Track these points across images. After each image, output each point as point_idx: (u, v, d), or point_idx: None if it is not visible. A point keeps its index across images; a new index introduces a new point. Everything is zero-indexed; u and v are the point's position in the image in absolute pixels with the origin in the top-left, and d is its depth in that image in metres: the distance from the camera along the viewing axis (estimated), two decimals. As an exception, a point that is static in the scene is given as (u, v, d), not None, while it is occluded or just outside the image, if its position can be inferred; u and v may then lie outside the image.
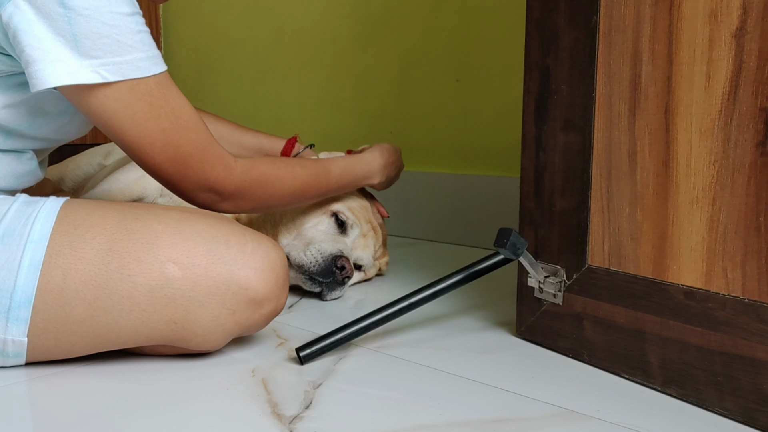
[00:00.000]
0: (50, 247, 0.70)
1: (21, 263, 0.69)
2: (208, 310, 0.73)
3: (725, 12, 0.62)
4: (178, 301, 0.72)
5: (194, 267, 0.72)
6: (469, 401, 0.68)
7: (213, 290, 0.73)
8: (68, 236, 0.71)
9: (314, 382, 0.72)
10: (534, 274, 0.81)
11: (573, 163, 0.78)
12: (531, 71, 0.82)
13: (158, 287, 0.71)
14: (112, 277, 0.70)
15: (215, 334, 0.75)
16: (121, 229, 0.72)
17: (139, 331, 0.72)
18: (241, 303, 0.74)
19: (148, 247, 0.72)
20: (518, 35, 0.92)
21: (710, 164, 0.64)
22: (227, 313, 0.74)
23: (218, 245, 0.74)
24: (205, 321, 0.73)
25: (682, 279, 0.68)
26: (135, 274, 0.71)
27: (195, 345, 0.76)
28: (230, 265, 0.74)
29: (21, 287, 0.68)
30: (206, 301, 0.73)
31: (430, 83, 1.64)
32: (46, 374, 0.73)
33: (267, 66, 2.05)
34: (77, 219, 0.73)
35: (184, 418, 0.64)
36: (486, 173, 1.55)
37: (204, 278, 0.72)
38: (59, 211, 0.73)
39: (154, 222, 0.74)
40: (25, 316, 0.69)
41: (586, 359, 0.78)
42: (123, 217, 0.74)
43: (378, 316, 0.81)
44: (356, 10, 1.78)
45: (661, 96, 0.68)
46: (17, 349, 0.71)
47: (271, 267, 0.76)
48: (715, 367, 0.64)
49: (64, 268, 0.69)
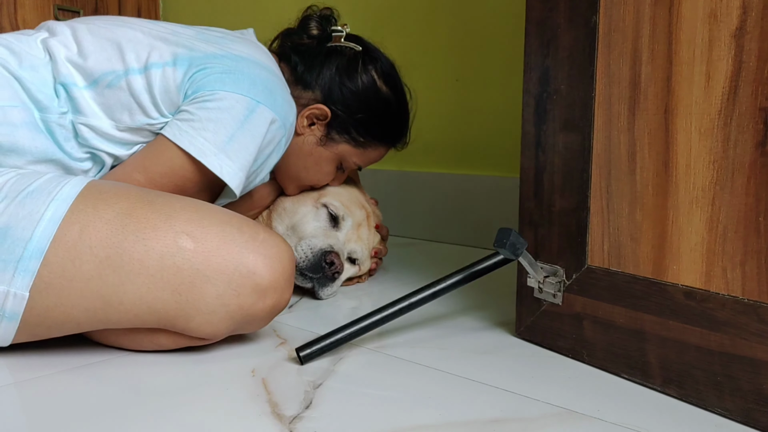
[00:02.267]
0: (74, 205, 0.73)
1: (43, 216, 0.72)
2: (213, 286, 0.74)
3: (725, 12, 0.62)
4: (186, 272, 0.74)
5: (207, 242, 0.75)
6: (469, 401, 0.68)
7: (222, 268, 0.75)
8: (93, 199, 0.75)
9: (314, 382, 0.72)
10: (534, 274, 0.82)
11: (572, 163, 0.78)
12: (531, 71, 0.82)
13: (169, 254, 0.73)
14: (128, 238, 0.73)
15: (218, 315, 0.75)
16: (143, 199, 0.77)
17: (143, 298, 0.73)
18: (247, 287, 0.76)
19: (165, 218, 0.75)
20: (518, 35, 0.92)
21: (710, 164, 0.64)
22: (232, 294, 0.75)
23: (232, 229, 0.77)
24: (209, 298, 0.74)
25: (681, 279, 0.68)
26: (150, 238, 0.73)
27: (196, 325, 0.76)
28: (241, 247, 0.76)
29: (37, 238, 0.71)
30: (213, 277, 0.74)
31: (429, 83, 1.64)
32: (40, 375, 0.73)
33: (267, 66, 2.05)
34: (104, 188, 0.77)
35: (184, 417, 0.64)
36: (486, 173, 1.55)
37: (215, 255, 0.75)
38: (89, 181, 0.77)
39: (175, 200, 0.79)
40: (33, 268, 0.70)
41: (586, 359, 0.78)
42: (146, 192, 0.79)
43: (378, 316, 0.81)
44: (355, 10, 1.78)
45: (661, 96, 0.68)
46: (16, 306, 0.71)
47: (279, 257, 0.78)
48: (714, 367, 0.64)
49: (82, 224, 0.72)
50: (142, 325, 0.76)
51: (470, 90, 1.56)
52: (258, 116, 0.90)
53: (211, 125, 0.88)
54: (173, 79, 0.89)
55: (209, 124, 0.88)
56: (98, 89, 0.88)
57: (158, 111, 0.89)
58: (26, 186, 0.74)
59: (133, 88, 0.88)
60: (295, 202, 1.14)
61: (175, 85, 0.89)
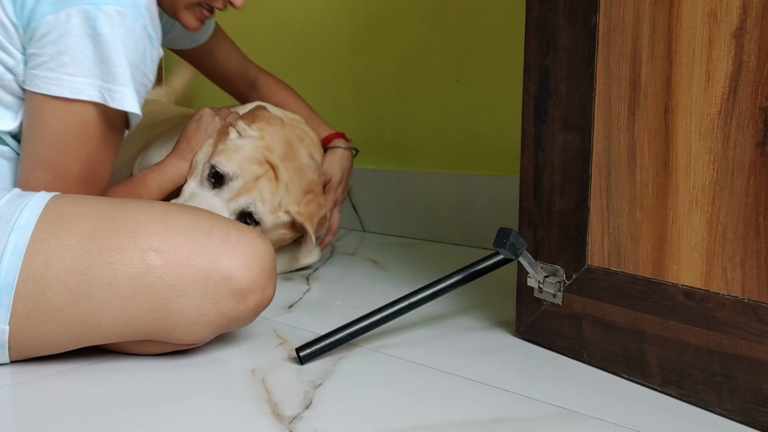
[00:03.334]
0: (35, 234, 0.70)
1: (5, 249, 0.69)
2: (189, 299, 0.72)
3: (725, 12, 0.62)
4: (159, 290, 0.71)
5: (175, 255, 0.72)
6: (469, 401, 0.68)
7: (194, 279, 0.72)
8: (53, 224, 0.71)
9: (314, 382, 0.72)
10: (533, 274, 0.82)
11: (572, 163, 0.78)
12: (530, 71, 0.82)
13: (139, 275, 0.71)
14: (94, 264, 0.70)
15: (198, 325, 0.74)
16: (105, 218, 0.73)
17: (120, 321, 0.72)
18: (224, 293, 0.74)
19: (130, 235, 0.72)
20: (518, 35, 0.92)
21: (710, 164, 0.65)
22: (210, 303, 0.73)
23: (201, 235, 0.74)
24: (187, 311, 0.73)
25: (681, 279, 0.68)
26: (116, 261, 0.71)
27: (179, 337, 0.75)
28: (212, 254, 0.73)
29: (3, 273, 0.69)
30: (187, 291, 0.72)
31: (429, 83, 1.64)
32: (38, 376, 0.73)
33: (266, 66, 2.04)
34: (64, 208, 0.73)
35: (184, 418, 0.64)
36: (486, 173, 1.55)
37: (185, 267, 0.72)
38: (48, 201, 0.74)
39: (138, 212, 0.75)
40: (6, 303, 0.69)
41: (586, 359, 0.78)
42: (108, 207, 0.75)
43: (378, 316, 0.81)
44: (355, 10, 1.78)
45: (661, 96, 0.68)
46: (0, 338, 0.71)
47: (254, 257, 0.76)
48: (714, 367, 0.64)
49: (46, 255, 0.70)
50: (126, 340, 0.75)
51: (470, 90, 1.56)
52: (102, 21, 0.78)
53: (67, 57, 0.78)
54: (4, 14, 0.80)
55: (64, 57, 0.78)
56: None
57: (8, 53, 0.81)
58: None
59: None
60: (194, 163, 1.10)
61: (8, 19, 0.80)
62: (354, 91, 1.80)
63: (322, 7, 1.85)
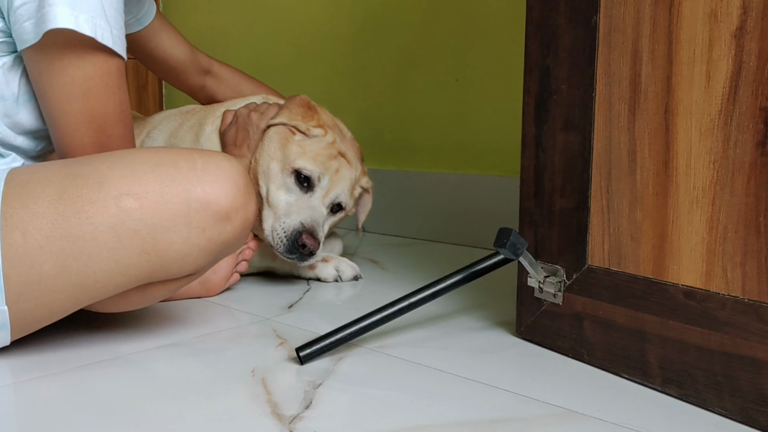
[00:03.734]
0: (3, 210, 0.69)
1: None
2: (176, 233, 0.73)
3: (725, 12, 0.62)
4: (143, 231, 0.71)
5: (149, 194, 0.72)
6: (469, 401, 0.68)
7: (174, 212, 0.72)
8: (18, 196, 0.71)
9: (314, 382, 0.72)
10: (534, 274, 0.82)
11: (573, 163, 0.78)
12: (531, 71, 0.82)
13: (119, 222, 0.71)
14: (71, 223, 0.70)
15: (193, 255, 0.74)
16: (68, 176, 0.72)
17: (114, 271, 0.72)
18: (208, 219, 0.74)
19: (98, 187, 0.71)
20: (518, 35, 0.91)
21: (710, 164, 0.65)
22: (197, 232, 0.73)
23: (168, 168, 0.74)
24: (177, 245, 0.73)
25: (681, 279, 0.68)
26: (92, 215, 0.70)
27: (177, 271, 0.75)
28: (185, 184, 0.73)
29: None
30: (171, 225, 0.72)
31: (429, 83, 1.64)
32: (40, 375, 0.73)
33: (265, 65, 2.05)
34: (23, 179, 0.72)
35: (184, 417, 0.64)
36: (486, 173, 1.55)
37: (162, 203, 0.72)
38: (6, 176, 0.73)
39: (99, 163, 0.74)
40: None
41: (586, 359, 0.78)
42: (67, 165, 0.74)
43: (378, 316, 0.81)
44: (355, 9, 1.78)
45: (661, 96, 0.68)
46: (1, 318, 0.71)
47: (227, 177, 0.76)
48: (714, 366, 0.64)
49: (22, 228, 0.69)
50: (128, 288, 0.75)
51: (470, 90, 1.56)
52: None
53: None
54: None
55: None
56: None
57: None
58: None
59: None
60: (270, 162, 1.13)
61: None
62: (353, 91, 1.80)
63: (322, 7, 1.85)
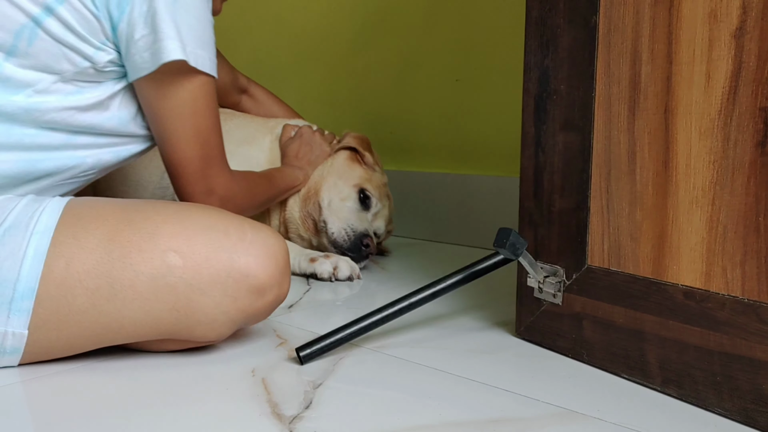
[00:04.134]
0: (55, 237, 0.71)
1: (26, 253, 0.70)
2: (210, 298, 0.74)
3: (725, 12, 0.62)
4: (180, 290, 0.73)
5: (195, 255, 0.74)
6: (469, 401, 0.68)
7: (214, 278, 0.74)
8: (72, 227, 0.72)
9: (314, 382, 0.72)
10: (533, 274, 0.82)
11: (572, 163, 0.78)
12: (530, 71, 0.82)
13: (160, 276, 0.72)
14: (115, 266, 0.71)
15: (219, 322, 0.76)
16: (123, 220, 0.74)
17: (142, 321, 0.73)
18: (243, 290, 0.75)
19: (149, 237, 0.73)
20: (518, 35, 0.92)
21: (710, 164, 0.65)
22: (229, 301, 0.75)
23: (218, 234, 0.76)
24: (208, 309, 0.74)
25: (681, 279, 0.68)
26: (137, 262, 0.72)
27: (200, 335, 0.76)
28: (230, 252, 0.75)
29: (25, 277, 0.69)
30: (208, 289, 0.74)
31: (429, 83, 1.64)
32: (43, 375, 0.73)
33: (265, 66, 2.05)
34: (81, 212, 0.74)
35: (184, 418, 0.64)
36: (486, 173, 1.55)
37: (205, 266, 0.74)
38: (65, 206, 0.75)
39: (154, 213, 0.76)
40: (27, 307, 0.69)
41: (586, 359, 0.78)
42: (124, 210, 0.76)
43: (378, 316, 0.81)
44: (355, 10, 1.78)
45: (661, 96, 0.68)
46: (16, 343, 0.71)
47: (270, 254, 0.77)
48: (714, 367, 0.64)
49: (67, 258, 0.70)
50: (147, 339, 0.76)
51: (470, 90, 1.56)
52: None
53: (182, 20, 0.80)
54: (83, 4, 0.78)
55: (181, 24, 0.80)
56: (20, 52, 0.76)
57: (91, 44, 0.80)
58: (0, 222, 0.71)
59: (53, 34, 0.77)
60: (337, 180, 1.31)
61: (88, 9, 0.79)
62: (353, 91, 1.80)
63: (322, 7, 1.85)
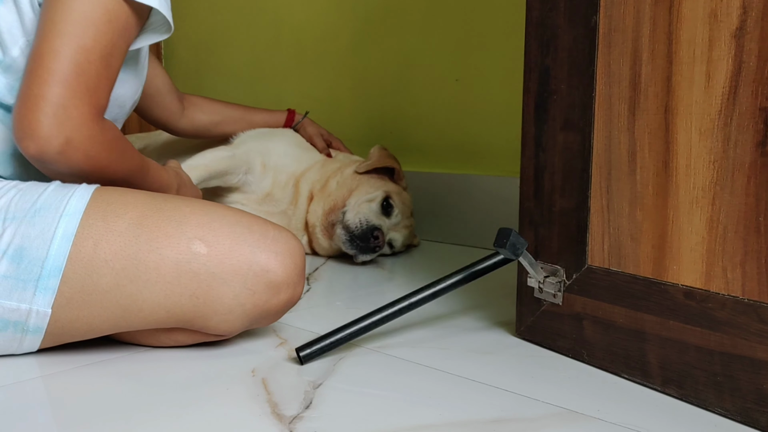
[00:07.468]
0: (83, 220, 0.73)
1: (55, 233, 0.72)
2: (230, 288, 0.75)
3: (725, 12, 0.62)
4: (202, 276, 0.75)
5: (219, 245, 0.76)
6: (469, 401, 0.68)
7: (236, 269, 0.76)
8: (101, 211, 0.74)
9: (314, 382, 0.72)
10: (534, 274, 0.82)
11: (573, 163, 0.78)
12: (530, 71, 0.82)
13: (185, 261, 0.74)
14: (141, 249, 0.73)
15: (235, 314, 0.77)
16: (152, 207, 0.76)
17: (161, 305, 0.74)
18: (261, 284, 0.77)
19: (176, 225, 0.75)
20: (518, 35, 0.92)
21: (710, 164, 0.65)
22: (248, 293, 0.76)
23: (242, 229, 0.78)
24: (226, 299, 0.76)
25: (681, 279, 0.68)
26: (163, 247, 0.74)
27: (214, 325, 0.77)
28: (253, 247, 0.77)
29: (53, 256, 0.71)
30: (229, 279, 0.75)
31: (429, 83, 1.64)
32: (43, 375, 0.73)
33: (266, 65, 2.05)
34: (111, 198, 0.76)
35: (184, 417, 0.64)
36: (486, 173, 1.55)
37: (228, 257, 0.76)
38: (94, 191, 0.76)
39: (183, 204, 0.78)
40: (53, 285, 0.71)
41: (586, 359, 0.78)
42: (153, 198, 0.79)
43: (378, 316, 0.81)
44: (355, 10, 1.77)
45: (661, 96, 0.68)
46: (39, 322, 0.72)
47: (290, 253, 0.79)
48: (714, 367, 0.64)
49: (95, 239, 0.72)
50: (162, 326, 0.77)
51: (470, 90, 1.56)
52: None
53: None
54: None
55: None
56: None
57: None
58: (31, 204, 0.73)
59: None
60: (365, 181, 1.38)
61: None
62: (353, 91, 1.80)
63: (322, 7, 1.85)
